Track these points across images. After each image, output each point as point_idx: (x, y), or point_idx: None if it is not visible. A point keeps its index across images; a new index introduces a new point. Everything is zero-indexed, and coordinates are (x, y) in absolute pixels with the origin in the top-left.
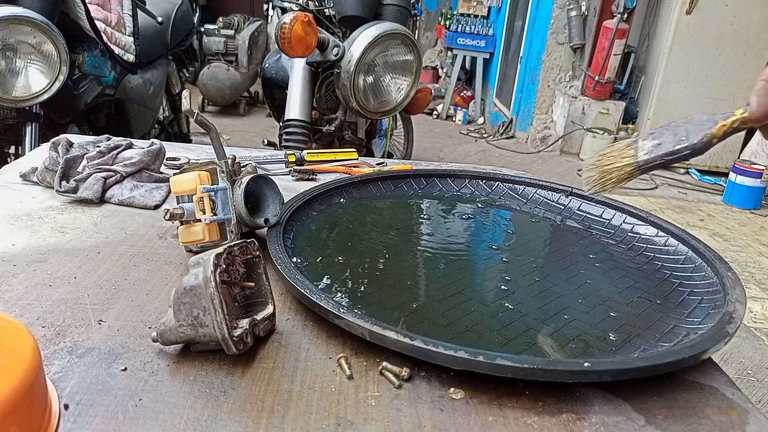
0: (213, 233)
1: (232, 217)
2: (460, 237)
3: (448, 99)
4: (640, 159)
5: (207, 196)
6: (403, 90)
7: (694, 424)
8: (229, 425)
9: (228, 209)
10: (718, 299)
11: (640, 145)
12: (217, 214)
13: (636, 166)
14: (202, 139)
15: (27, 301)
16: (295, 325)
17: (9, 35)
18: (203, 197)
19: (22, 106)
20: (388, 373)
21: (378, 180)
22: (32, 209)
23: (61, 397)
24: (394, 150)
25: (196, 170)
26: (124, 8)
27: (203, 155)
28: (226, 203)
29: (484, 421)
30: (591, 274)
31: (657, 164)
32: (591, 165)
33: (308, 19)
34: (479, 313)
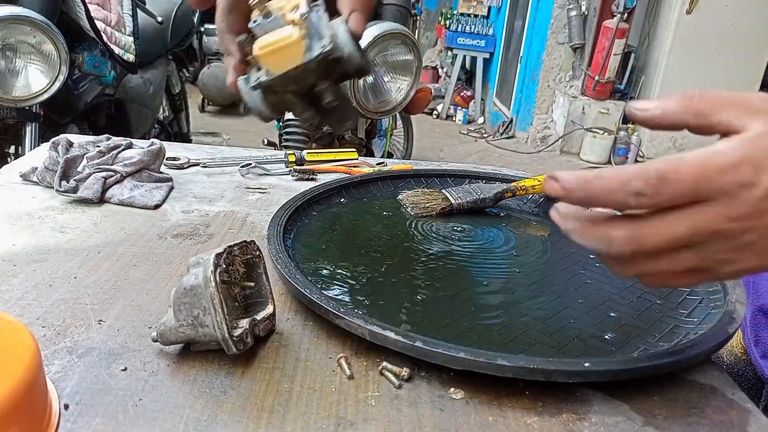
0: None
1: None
2: (459, 237)
3: (448, 99)
4: (453, 202)
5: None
6: (403, 90)
7: (694, 424)
8: (229, 425)
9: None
10: (718, 299)
11: (447, 193)
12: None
13: (449, 207)
14: (201, 139)
15: (27, 301)
16: (295, 325)
17: (9, 35)
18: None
19: (22, 105)
20: (388, 373)
21: (378, 180)
22: (32, 209)
23: (61, 397)
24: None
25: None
26: (124, 8)
27: (203, 155)
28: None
29: (484, 421)
30: (591, 274)
31: (463, 208)
32: (411, 204)
33: None
34: (479, 314)
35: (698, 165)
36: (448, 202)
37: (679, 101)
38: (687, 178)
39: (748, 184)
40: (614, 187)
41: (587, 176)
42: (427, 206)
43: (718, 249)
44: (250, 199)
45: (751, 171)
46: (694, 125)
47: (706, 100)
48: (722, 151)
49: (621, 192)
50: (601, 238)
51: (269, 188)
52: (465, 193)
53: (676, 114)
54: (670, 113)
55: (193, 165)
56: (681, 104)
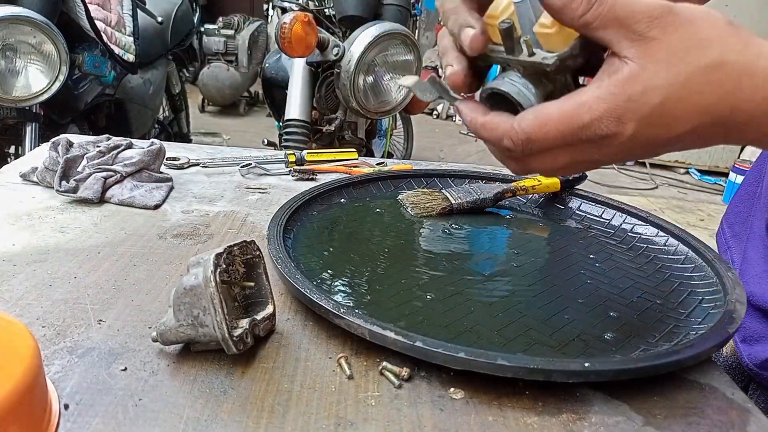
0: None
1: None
2: (460, 237)
3: None
4: (453, 202)
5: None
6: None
7: (694, 424)
8: (229, 425)
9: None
10: (718, 299)
11: (447, 194)
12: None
13: (449, 207)
14: (202, 139)
15: (27, 301)
16: (295, 325)
17: (9, 35)
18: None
19: (22, 106)
20: (388, 373)
21: (378, 180)
22: (32, 209)
23: (61, 397)
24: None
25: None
26: (124, 8)
27: (203, 155)
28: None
29: (484, 421)
30: (591, 274)
31: (463, 208)
32: (411, 204)
33: (308, 19)
34: (479, 313)
35: (564, 122)
36: (448, 202)
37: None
38: (551, 136)
39: (610, 135)
40: (492, 140)
41: (477, 121)
42: (427, 206)
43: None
44: (250, 199)
45: (614, 124)
46: (581, 33)
47: (597, 13)
48: (587, 104)
49: (497, 145)
50: (500, 158)
51: (269, 188)
52: (465, 193)
53: (573, 17)
54: (566, 15)
55: (193, 165)
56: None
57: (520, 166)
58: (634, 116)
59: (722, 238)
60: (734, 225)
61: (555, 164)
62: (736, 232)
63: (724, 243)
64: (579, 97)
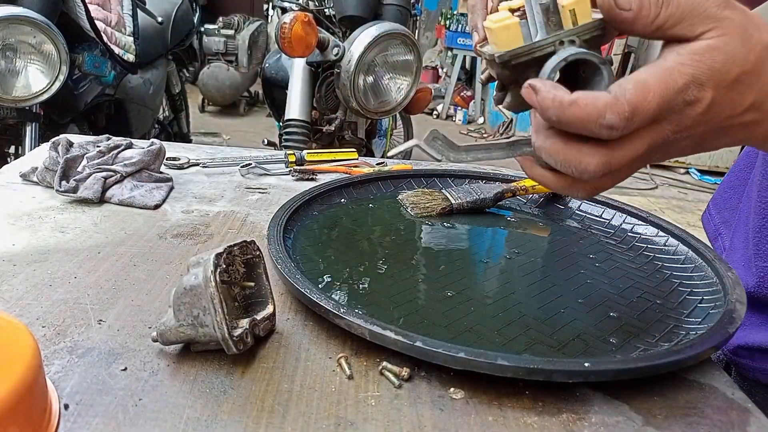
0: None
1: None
2: (460, 237)
3: (448, 99)
4: (453, 202)
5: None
6: (403, 90)
7: (694, 424)
8: (229, 425)
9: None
10: (718, 299)
11: (447, 194)
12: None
13: (449, 207)
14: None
15: (27, 301)
16: (295, 325)
17: (9, 35)
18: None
19: (22, 106)
20: (388, 373)
21: (378, 180)
22: (32, 209)
23: (61, 397)
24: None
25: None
26: (124, 8)
27: (203, 155)
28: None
29: (484, 421)
30: (591, 274)
31: (463, 208)
32: (411, 204)
33: (308, 19)
34: (479, 313)
35: (662, 90)
36: (448, 202)
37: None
38: (653, 106)
39: (692, 102)
40: (588, 118)
41: (563, 100)
42: (427, 206)
43: (659, 153)
44: (250, 199)
45: (696, 90)
46: (654, 37)
47: (668, 14)
48: (674, 69)
49: (594, 124)
50: (573, 164)
51: (269, 188)
52: (465, 193)
53: (645, 24)
54: (639, 23)
55: (193, 165)
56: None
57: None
58: (714, 84)
59: (711, 224)
60: (723, 211)
61: (636, 152)
62: (725, 218)
63: (714, 230)
64: (662, 64)
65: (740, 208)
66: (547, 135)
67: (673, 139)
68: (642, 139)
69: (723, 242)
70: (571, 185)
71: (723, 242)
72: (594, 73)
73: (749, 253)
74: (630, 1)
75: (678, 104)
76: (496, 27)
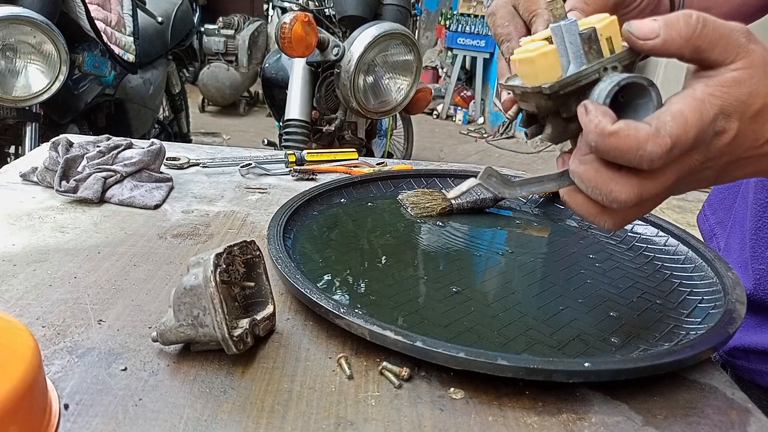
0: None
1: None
2: (460, 237)
3: (448, 99)
4: (453, 202)
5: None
6: (403, 90)
7: (694, 424)
8: (229, 425)
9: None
10: (718, 299)
11: (447, 193)
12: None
13: (449, 207)
14: (202, 139)
15: (27, 301)
16: (295, 325)
17: (9, 35)
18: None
19: (22, 106)
20: (388, 373)
21: (378, 180)
22: (32, 209)
23: (61, 397)
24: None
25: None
26: (124, 8)
27: (203, 155)
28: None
29: (484, 421)
30: (591, 274)
31: (463, 208)
32: (411, 204)
33: (308, 19)
34: (479, 313)
35: (698, 122)
36: (448, 202)
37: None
38: (691, 138)
39: (720, 133)
40: (628, 149)
41: (605, 128)
42: (427, 206)
43: (684, 184)
44: (250, 199)
45: (724, 120)
46: (688, 59)
47: (705, 36)
48: (704, 100)
49: (634, 155)
50: (604, 192)
51: (269, 188)
52: (465, 193)
53: (675, 48)
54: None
55: (193, 165)
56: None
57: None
58: (739, 116)
59: (706, 224)
60: (718, 211)
61: (665, 183)
62: (720, 218)
63: (709, 230)
64: (693, 94)
65: (735, 208)
66: (583, 160)
67: (699, 168)
68: (672, 170)
69: (718, 242)
70: (600, 213)
71: (718, 242)
72: (640, 96)
73: (746, 256)
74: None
75: (708, 135)
76: (534, 55)
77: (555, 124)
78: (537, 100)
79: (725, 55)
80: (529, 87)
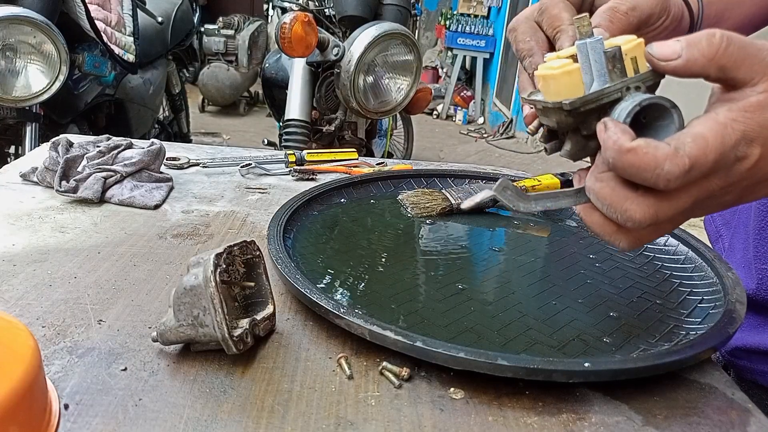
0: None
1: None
2: (460, 237)
3: (448, 99)
4: (453, 202)
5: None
6: (403, 90)
7: (694, 424)
8: (228, 425)
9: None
10: (718, 299)
11: (447, 194)
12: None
13: (449, 207)
14: (202, 139)
15: (27, 301)
16: (295, 325)
17: (9, 35)
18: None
19: (22, 106)
20: (388, 373)
21: (378, 180)
22: (32, 209)
23: (61, 397)
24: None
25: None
26: (124, 8)
27: (203, 155)
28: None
29: (484, 421)
30: (591, 274)
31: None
32: (411, 204)
33: (308, 19)
34: (479, 313)
35: (719, 146)
36: (448, 202)
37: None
38: (711, 161)
39: (741, 158)
40: (646, 167)
41: (623, 145)
42: (427, 206)
43: (702, 207)
44: (250, 199)
45: (746, 146)
46: (714, 79)
47: (730, 55)
48: (727, 125)
49: (651, 173)
50: (619, 210)
51: (269, 188)
52: (465, 193)
53: (699, 68)
54: (692, 67)
55: (193, 165)
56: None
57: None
58: (763, 141)
59: (712, 225)
60: (724, 212)
61: (682, 206)
62: (726, 219)
63: (715, 231)
64: (716, 118)
65: (739, 209)
66: (599, 177)
67: (719, 193)
68: (690, 193)
69: (723, 243)
70: (615, 232)
71: (723, 243)
72: (662, 118)
73: (749, 256)
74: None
75: (730, 160)
76: (558, 73)
77: (575, 141)
78: (558, 116)
79: (751, 74)
80: (551, 102)
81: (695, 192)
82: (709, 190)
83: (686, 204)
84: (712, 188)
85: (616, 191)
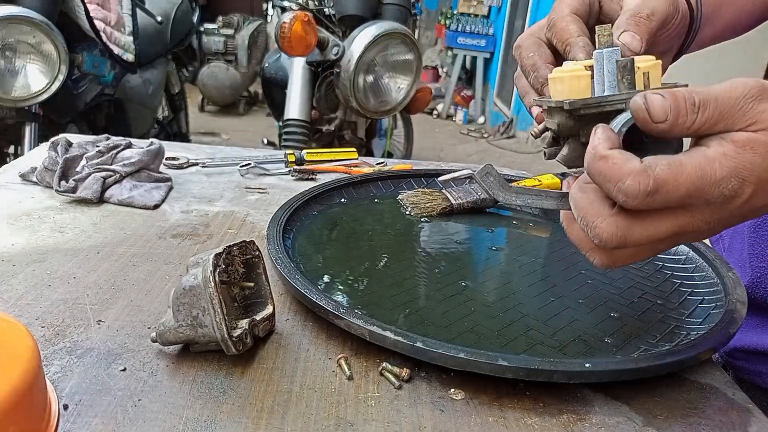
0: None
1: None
2: (460, 237)
3: (449, 98)
4: (453, 202)
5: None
6: (403, 90)
7: (694, 425)
8: (228, 425)
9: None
10: (719, 299)
11: (447, 194)
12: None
13: (449, 207)
14: (201, 139)
15: (26, 301)
16: (294, 325)
17: (9, 35)
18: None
19: (22, 106)
20: (388, 373)
21: (378, 180)
22: (31, 209)
23: (61, 397)
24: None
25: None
26: (124, 8)
27: (203, 155)
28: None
29: (484, 422)
30: (591, 274)
31: (463, 208)
32: (411, 204)
33: (308, 19)
34: (479, 314)
35: (696, 176)
36: (448, 202)
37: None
38: (682, 190)
39: (732, 196)
40: (609, 177)
41: (598, 151)
42: (427, 206)
43: (688, 239)
44: (249, 199)
45: (737, 184)
46: (695, 136)
47: (704, 120)
48: (716, 159)
49: (612, 184)
50: (589, 224)
51: (269, 188)
52: (465, 193)
53: (682, 131)
54: (676, 130)
55: (193, 165)
56: (686, 120)
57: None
58: (755, 180)
59: None
60: None
61: (657, 234)
62: None
63: None
64: (704, 151)
65: None
66: (582, 188)
67: (707, 229)
68: (666, 223)
69: (723, 243)
70: (592, 248)
71: (723, 243)
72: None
73: (744, 254)
74: (665, 113)
75: (714, 196)
76: (567, 76)
77: (573, 147)
78: (560, 117)
79: (734, 125)
80: (554, 102)
81: (673, 222)
82: (693, 225)
83: (664, 233)
84: (697, 224)
85: (593, 205)
